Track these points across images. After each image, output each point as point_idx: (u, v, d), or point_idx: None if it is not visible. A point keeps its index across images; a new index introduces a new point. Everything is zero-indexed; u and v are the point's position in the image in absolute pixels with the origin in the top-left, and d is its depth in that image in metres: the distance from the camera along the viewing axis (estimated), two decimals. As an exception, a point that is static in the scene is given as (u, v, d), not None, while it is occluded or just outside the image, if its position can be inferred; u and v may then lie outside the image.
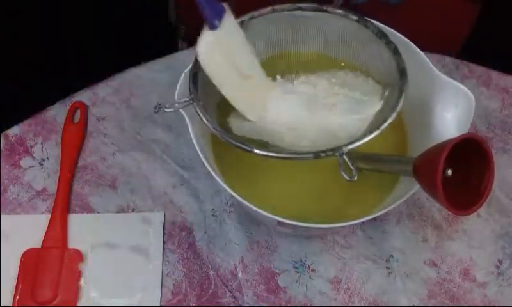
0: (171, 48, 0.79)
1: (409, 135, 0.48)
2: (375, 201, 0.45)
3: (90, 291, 0.48)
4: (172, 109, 0.41)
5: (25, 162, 0.54)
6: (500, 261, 0.50)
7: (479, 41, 0.72)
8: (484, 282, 0.49)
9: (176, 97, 0.42)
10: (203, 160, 0.40)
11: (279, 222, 0.40)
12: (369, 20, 0.43)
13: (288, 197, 0.46)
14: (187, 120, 0.41)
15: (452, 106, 0.43)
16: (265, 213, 0.39)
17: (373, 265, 0.49)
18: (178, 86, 0.42)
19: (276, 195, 0.46)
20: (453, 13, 0.66)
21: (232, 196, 0.40)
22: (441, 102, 0.43)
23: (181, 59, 0.59)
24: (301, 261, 0.49)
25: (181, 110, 0.41)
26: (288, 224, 0.40)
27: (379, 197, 0.45)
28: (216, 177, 0.40)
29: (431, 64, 0.45)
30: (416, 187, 0.40)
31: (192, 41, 0.75)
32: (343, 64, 0.46)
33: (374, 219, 0.49)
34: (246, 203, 0.39)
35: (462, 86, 0.43)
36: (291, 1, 0.45)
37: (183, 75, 0.43)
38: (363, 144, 0.38)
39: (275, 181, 0.47)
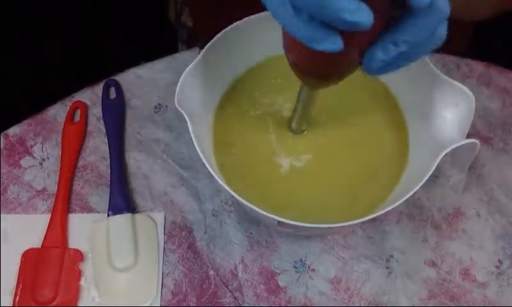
0: (172, 49, 0.79)
1: (409, 135, 0.48)
2: (375, 201, 0.45)
3: (90, 291, 0.48)
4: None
5: (25, 161, 0.54)
6: (500, 261, 0.50)
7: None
8: (484, 282, 0.49)
9: (176, 97, 0.42)
10: (203, 160, 0.40)
11: (279, 222, 0.40)
12: None
13: (288, 197, 0.46)
14: (187, 120, 0.41)
15: (452, 106, 0.43)
16: (265, 213, 0.39)
17: (373, 265, 0.49)
18: (178, 86, 0.42)
19: (276, 195, 0.46)
20: None
21: (232, 196, 0.40)
22: (442, 101, 0.43)
23: (181, 60, 0.59)
24: (301, 261, 0.49)
25: (181, 110, 0.41)
26: (288, 224, 0.40)
27: (379, 197, 0.45)
28: (216, 177, 0.40)
29: (431, 64, 0.45)
30: (417, 186, 0.40)
31: (192, 45, 0.75)
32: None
33: (374, 219, 0.49)
34: (246, 203, 0.39)
35: (462, 86, 0.43)
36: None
37: (183, 74, 0.43)
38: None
39: (275, 181, 0.46)
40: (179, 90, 0.42)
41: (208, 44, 0.45)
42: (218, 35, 0.45)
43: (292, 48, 0.36)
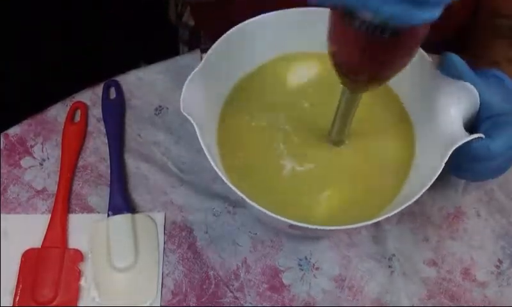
0: (172, 49, 0.79)
1: (415, 134, 0.47)
2: (384, 200, 0.44)
3: (90, 291, 0.48)
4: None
5: (26, 161, 0.54)
6: (500, 261, 0.50)
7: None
8: (484, 282, 0.49)
9: (182, 104, 0.41)
10: (215, 167, 0.39)
11: (290, 225, 0.40)
12: None
13: (295, 199, 0.46)
14: (196, 127, 0.40)
15: (455, 101, 0.43)
16: (278, 217, 0.39)
17: (376, 264, 0.49)
18: (183, 93, 0.42)
19: (281, 198, 0.45)
20: None
21: (236, 198, 0.40)
22: (445, 98, 0.43)
23: (182, 62, 0.59)
24: (306, 259, 0.49)
25: (188, 116, 0.40)
26: (299, 227, 0.39)
27: (388, 196, 0.45)
28: (229, 184, 0.39)
29: (433, 63, 0.45)
30: (429, 183, 0.40)
31: (193, 45, 0.75)
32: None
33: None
34: (257, 206, 0.39)
35: (464, 82, 0.43)
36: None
37: (186, 82, 0.42)
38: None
39: (281, 184, 0.46)
40: (184, 97, 0.41)
41: (210, 49, 0.45)
42: (219, 39, 0.45)
43: (343, 47, 0.35)
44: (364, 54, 0.34)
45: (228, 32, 0.46)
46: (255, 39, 0.47)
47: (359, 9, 0.31)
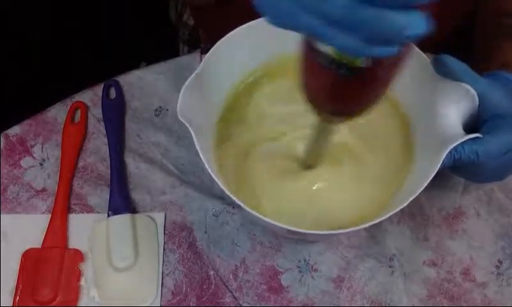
0: (172, 49, 0.79)
1: (414, 135, 0.47)
2: (382, 201, 0.44)
3: (90, 291, 0.48)
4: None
5: (26, 162, 0.54)
6: (500, 261, 0.50)
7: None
8: (484, 282, 0.49)
9: (178, 110, 0.41)
10: (213, 175, 0.39)
11: (288, 231, 0.40)
12: None
13: (292, 202, 0.45)
14: (193, 133, 0.40)
15: (454, 103, 0.43)
16: (275, 223, 0.38)
17: (376, 264, 0.49)
18: (180, 99, 0.41)
19: (278, 201, 0.45)
20: None
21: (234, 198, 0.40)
22: (444, 100, 0.43)
23: (183, 63, 0.59)
24: (305, 261, 0.49)
25: (185, 122, 0.40)
26: (298, 232, 0.39)
27: (386, 197, 0.45)
28: (227, 191, 0.39)
29: (431, 64, 0.45)
30: (425, 183, 0.40)
31: (193, 45, 0.75)
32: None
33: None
34: (256, 214, 0.39)
35: (463, 83, 0.43)
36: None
37: (183, 87, 0.42)
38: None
39: (278, 188, 0.46)
40: (181, 103, 0.41)
41: (207, 54, 0.44)
42: (216, 45, 0.45)
43: (307, 77, 0.33)
44: (326, 88, 0.32)
45: (223, 38, 0.45)
46: (252, 43, 0.47)
47: (313, 38, 0.28)
